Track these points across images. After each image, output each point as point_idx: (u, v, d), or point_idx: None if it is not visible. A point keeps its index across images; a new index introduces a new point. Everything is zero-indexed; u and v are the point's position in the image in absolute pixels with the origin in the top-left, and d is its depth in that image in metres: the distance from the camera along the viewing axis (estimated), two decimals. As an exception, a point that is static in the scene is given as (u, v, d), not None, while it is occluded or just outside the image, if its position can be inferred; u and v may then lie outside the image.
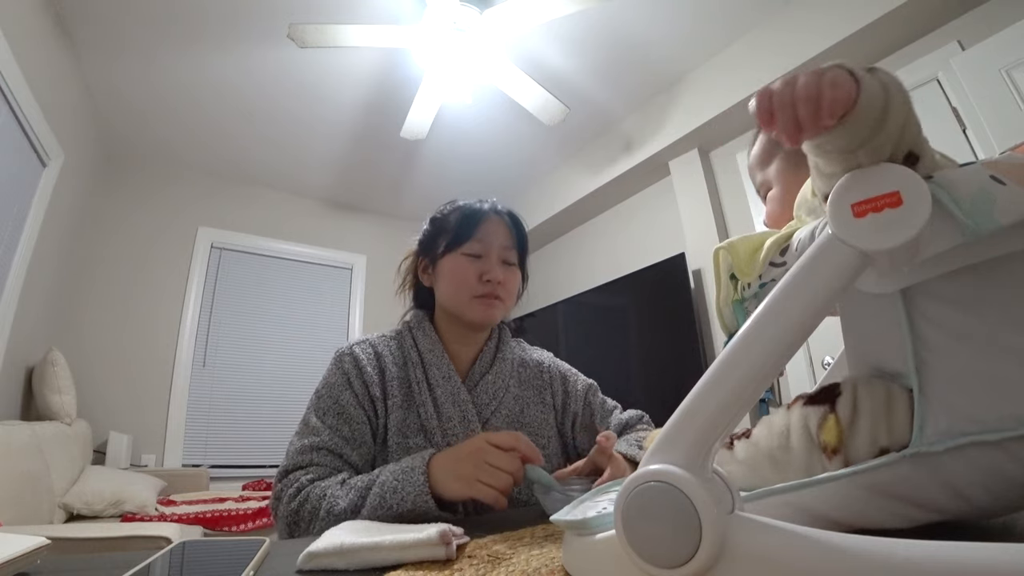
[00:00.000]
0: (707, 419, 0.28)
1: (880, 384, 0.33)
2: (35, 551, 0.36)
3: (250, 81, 2.50)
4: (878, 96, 0.30)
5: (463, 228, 0.82)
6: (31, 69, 1.89)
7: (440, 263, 0.83)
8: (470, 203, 0.87)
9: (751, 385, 0.28)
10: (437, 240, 0.85)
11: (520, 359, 0.91)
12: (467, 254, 0.81)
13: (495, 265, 0.82)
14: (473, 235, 0.82)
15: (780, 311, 0.28)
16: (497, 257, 0.83)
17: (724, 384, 0.29)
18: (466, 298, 0.80)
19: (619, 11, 2.13)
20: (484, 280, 0.80)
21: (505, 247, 0.84)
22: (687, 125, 2.54)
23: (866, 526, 0.32)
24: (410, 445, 0.75)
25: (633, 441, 0.81)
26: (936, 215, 0.27)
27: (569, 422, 0.89)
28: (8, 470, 1.58)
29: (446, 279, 0.82)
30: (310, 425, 0.73)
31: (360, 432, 0.74)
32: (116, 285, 2.89)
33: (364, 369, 0.77)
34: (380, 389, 0.77)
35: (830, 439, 0.33)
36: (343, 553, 0.38)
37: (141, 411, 2.78)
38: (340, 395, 0.75)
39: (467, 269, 0.81)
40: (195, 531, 1.90)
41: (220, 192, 3.36)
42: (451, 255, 0.82)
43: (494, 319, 0.83)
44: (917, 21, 1.85)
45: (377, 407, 0.76)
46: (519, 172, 3.44)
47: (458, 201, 0.89)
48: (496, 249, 0.83)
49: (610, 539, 0.28)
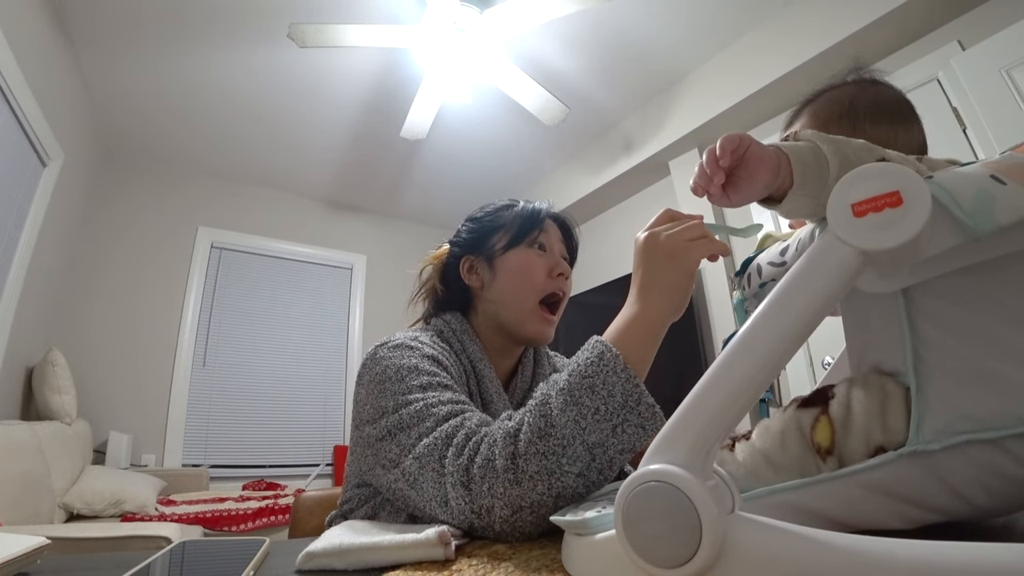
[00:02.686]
0: (707, 419, 0.28)
1: (876, 381, 0.33)
2: (35, 551, 0.36)
3: (250, 81, 2.50)
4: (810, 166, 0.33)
5: (529, 222, 0.76)
6: (31, 69, 1.89)
7: (501, 258, 0.76)
8: (523, 202, 0.81)
9: (751, 385, 0.28)
10: (492, 237, 0.78)
11: (554, 368, 0.86)
12: (535, 247, 0.76)
13: (561, 260, 0.77)
14: (542, 227, 0.77)
15: (780, 311, 0.28)
16: (559, 254, 0.78)
17: (724, 384, 0.29)
18: (532, 300, 0.73)
19: (619, 11, 2.13)
20: (555, 275, 0.75)
21: (562, 244, 0.80)
22: (687, 125, 2.54)
23: (866, 526, 0.32)
24: None
25: None
26: (936, 215, 0.27)
27: None
28: (8, 470, 1.58)
29: (511, 275, 0.74)
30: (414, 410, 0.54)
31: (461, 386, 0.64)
32: (116, 285, 2.89)
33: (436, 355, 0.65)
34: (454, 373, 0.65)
35: (823, 440, 0.33)
36: (342, 553, 0.38)
37: (141, 411, 2.78)
38: (422, 365, 0.60)
39: (536, 263, 0.74)
40: (195, 531, 1.90)
41: (220, 192, 3.36)
42: (517, 249, 0.75)
43: (549, 339, 0.76)
44: (917, 21, 1.85)
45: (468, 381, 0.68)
46: (519, 172, 3.44)
47: (497, 202, 0.83)
48: (558, 247, 0.79)
49: (610, 539, 0.28)
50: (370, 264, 3.78)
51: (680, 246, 0.51)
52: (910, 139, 0.56)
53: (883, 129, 0.55)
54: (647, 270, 0.53)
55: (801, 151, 0.34)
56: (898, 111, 0.57)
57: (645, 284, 0.53)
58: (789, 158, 0.33)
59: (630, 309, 0.53)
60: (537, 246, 0.76)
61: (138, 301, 2.92)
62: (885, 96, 0.58)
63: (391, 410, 0.56)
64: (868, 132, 0.55)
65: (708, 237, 0.52)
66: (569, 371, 0.49)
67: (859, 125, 0.56)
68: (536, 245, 0.76)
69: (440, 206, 3.77)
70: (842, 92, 0.59)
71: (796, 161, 0.33)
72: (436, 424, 0.52)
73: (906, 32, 1.90)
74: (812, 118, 0.59)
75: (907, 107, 0.58)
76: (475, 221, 0.82)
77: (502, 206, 0.81)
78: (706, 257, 0.52)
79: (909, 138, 0.56)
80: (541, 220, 0.77)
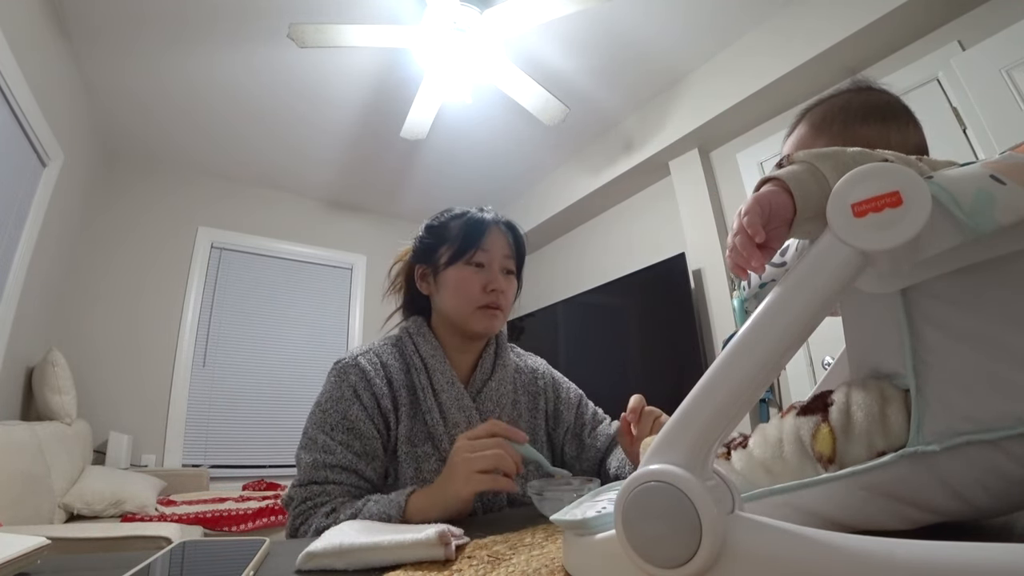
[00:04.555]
0: (707, 419, 0.28)
1: (875, 386, 0.33)
2: (35, 551, 0.36)
3: (250, 81, 2.50)
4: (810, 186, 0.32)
5: (468, 238, 0.82)
6: (31, 69, 1.89)
7: (443, 274, 0.83)
8: (471, 212, 0.87)
9: (751, 385, 0.28)
10: (438, 250, 0.84)
11: (516, 365, 0.92)
12: (472, 265, 0.81)
13: (498, 275, 0.83)
14: (478, 246, 0.82)
15: (780, 311, 0.28)
16: (499, 267, 0.83)
17: (724, 384, 0.29)
18: (470, 309, 0.81)
19: (619, 11, 2.13)
20: (489, 291, 0.81)
21: (506, 256, 0.85)
22: (687, 125, 2.54)
23: (866, 527, 0.32)
24: (418, 453, 0.74)
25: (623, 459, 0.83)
26: (936, 215, 0.27)
27: (562, 430, 0.90)
28: (8, 470, 1.58)
29: (450, 290, 0.82)
30: (318, 442, 0.70)
31: (372, 447, 0.72)
32: (116, 285, 2.89)
33: (372, 381, 0.75)
34: (391, 400, 0.76)
35: (824, 449, 0.33)
36: (342, 553, 0.38)
37: (141, 411, 2.78)
38: (348, 409, 0.73)
39: (472, 280, 0.81)
40: (195, 531, 1.90)
41: (220, 192, 3.36)
42: (455, 266, 0.82)
43: (495, 330, 0.84)
44: (917, 21, 1.85)
45: (388, 419, 0.75)
46: (519, 172, 3.44)
47: (455, 209, 0.89)
48: (498, 259, 0.84)
49: (610, 539, 0.28)
50: (370, 264, 3.78)
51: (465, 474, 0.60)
52: (904, 139, 0.57)
53: (874, 128, 0.57)
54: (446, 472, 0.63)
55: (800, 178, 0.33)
56: (890, 112, 0.58)
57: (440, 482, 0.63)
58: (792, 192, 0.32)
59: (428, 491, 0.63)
60: (475, 264, 0.82)
61: (138, 301, 2.92)
62: (877, 99, 0.60)
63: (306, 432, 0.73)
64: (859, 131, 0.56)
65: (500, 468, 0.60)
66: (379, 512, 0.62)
67: (851, 125, 0.57)
68: (474, 264, 0.82)
69: (440, 206, 3.63)
70: (838, 98, 0.61)
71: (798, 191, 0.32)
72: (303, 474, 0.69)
73: (906, 32, 1.90)
74: (810, 126, 0.61)
75: (900, 109, 0.59)
76: (428, 230, 0.88)
77: (452, 215, 0.88)
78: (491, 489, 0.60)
79: (902, 137, 0.57)
80: (481, 234, 0.83)
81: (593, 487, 0.57)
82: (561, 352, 3.22)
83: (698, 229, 2.58)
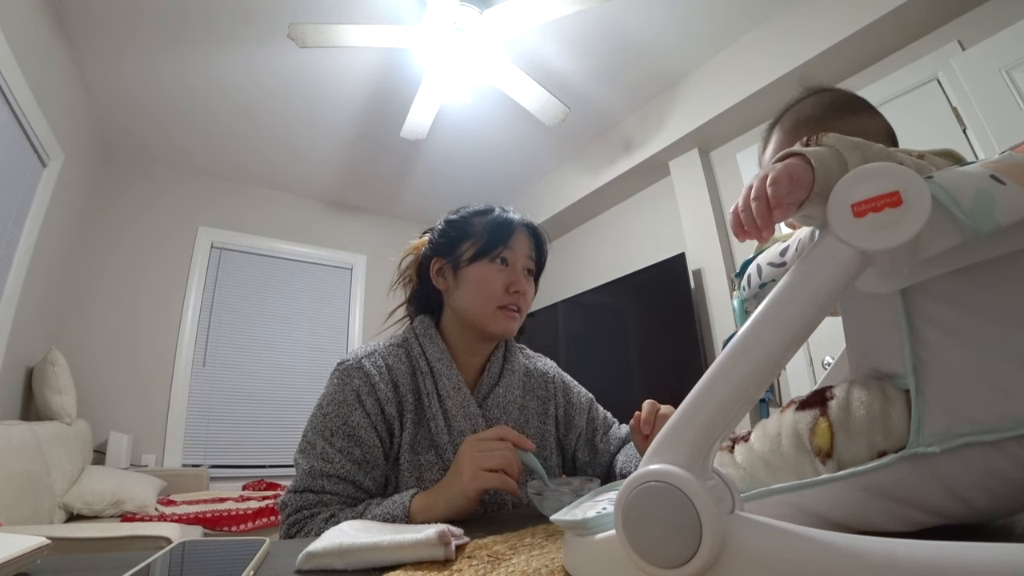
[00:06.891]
0: (707, 419, 0.28)
1: (876, 386, 0.33)
2: (35, 551, 0.36)
3: (250, 81, 2.50)
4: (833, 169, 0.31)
5: (496, 236, 0.80)
6: (31, 69, 1.89)
7: (465, 269, 0.80)
8: (497, 210, 0.84)
9: (751, 385, 0.28)
10: (461, 245, 0.81)
11: (525, 368, 0.89)
12: (496, 263, 0.79)
13: (521, 276, 0.81)
14: (506, 244, 0.80)
15: (780, 311, 0.28)
16: (522, 267, 0.82)
17: (724, 384, 0.29)
18: (490, 308, 0.78)
19: (619, 11, 2.13)
20: (512, 291, 0.79)
21: (528, 257, 0.83)
22: (687, 125, 2.54)
23: (866, 528, 0.32)
24: (421, 462, 0.72)
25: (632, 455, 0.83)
26: (936, 215, 0.27)
27: (574, 435, 0.89)
28: (8, 470, 1.58)
29: (471, 286, 0.79)
30: (317, 448, 0.68)
31: (372, 455, 0.70)
32: (116, 285, 2.89)
33: (377, 386, 0.72)
34: (396, 406, 0.73)
35: (822, 443, 0.33)
36: (342, 553, 0.38)
37: (141, 411, 2.78)
38: (350, 415, 0.70)
39: (495, 278, 0.78)
40: (195, 531, 1.90)
41: (220, 192, 3.36)
42: (480, 263, 0.79)
43: (512, 333, 0.81)
44: (917, 21, 1.85)
45: (392, 426, 0.73)
46: (519, 172, 3.44)
47: (476, 205, 0.86)
48: (522, 260, 0.82)
49: (610, 539, 0.28)
50: (370, 264, 3.78)
51: (471, 471, 0.60)
52: (877, 127, 0.58)
53: (849, 121, 0.57)
54: (452, 471, 0.63)
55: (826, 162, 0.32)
56: (856, 104, 0.60)
57: (445, 481, 0.63)
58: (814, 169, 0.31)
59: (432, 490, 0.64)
60: (500, 261, 0.79)
61: (138, 301, 2.92)
62: (840, 95, 0.61)
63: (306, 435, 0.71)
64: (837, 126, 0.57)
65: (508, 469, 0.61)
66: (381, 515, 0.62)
67: (826, 122, 0.58)
68: (499, 260, 0.79)
69: (440, 206, 3.73)
70: (804, 103, 0.62)
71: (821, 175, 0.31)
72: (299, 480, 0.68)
73: (906, 32, 1.90)
74: (784, 133, 0.62)
75: (861, 100, 0.60)
76: (450, 224, 0.85)
77: (477, 211, 0.85)
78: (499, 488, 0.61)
79: (876, 125, 0.58)
80: (510, 234, 0.80)
81: (593, 487, 0.57)
82: (562, 352, 3.22)
83: (698, 229, 2.58)
